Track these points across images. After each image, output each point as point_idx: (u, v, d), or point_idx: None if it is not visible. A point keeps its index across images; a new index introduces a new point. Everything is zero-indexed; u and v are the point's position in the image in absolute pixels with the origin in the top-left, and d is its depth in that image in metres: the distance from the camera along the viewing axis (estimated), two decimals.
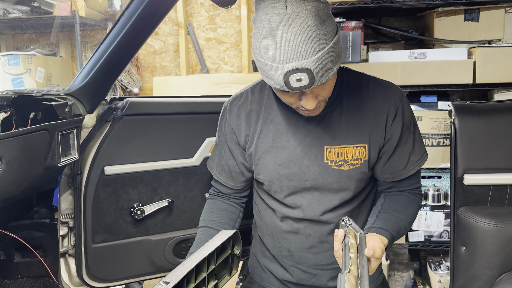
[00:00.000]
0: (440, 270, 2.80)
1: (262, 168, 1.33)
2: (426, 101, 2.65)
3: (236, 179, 1.41)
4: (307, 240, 1.34)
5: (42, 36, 3.57)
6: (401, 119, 1.27)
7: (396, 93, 1.28)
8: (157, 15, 1.40)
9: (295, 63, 1.02)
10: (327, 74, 1.05)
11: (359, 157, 1.27)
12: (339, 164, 1.27)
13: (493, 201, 1.64)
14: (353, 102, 1.26)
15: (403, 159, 1.30)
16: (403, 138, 1.28)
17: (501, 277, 1.56)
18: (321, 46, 1.02)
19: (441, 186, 2.76)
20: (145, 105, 1.59)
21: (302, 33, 1.01)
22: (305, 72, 1.02)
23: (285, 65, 1.03)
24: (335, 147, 1.26)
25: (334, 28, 1.07)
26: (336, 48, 1.06)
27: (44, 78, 3.22)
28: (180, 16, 3.26)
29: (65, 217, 1.55)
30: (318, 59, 1.02)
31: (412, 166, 1.31)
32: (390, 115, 1.26)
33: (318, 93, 1.13)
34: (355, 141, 1.26)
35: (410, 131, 1.30)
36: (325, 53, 1.03)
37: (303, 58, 1.02)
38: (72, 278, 1.59)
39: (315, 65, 1.02)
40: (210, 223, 1.40)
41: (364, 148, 1.26)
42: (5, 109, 1.28)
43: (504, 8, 2.58)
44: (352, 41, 2.56)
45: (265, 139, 1.31)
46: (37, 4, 3.09)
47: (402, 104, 1.27)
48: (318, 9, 1.03)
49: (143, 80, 3.43)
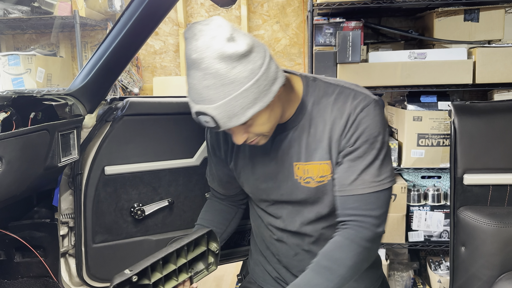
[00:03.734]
0: (440, 270, 2.80)
1: (243, 182, 1.36)
2: (426, 101, 2.65)
3: (226, 187, 1.46)
4: (292, 248, 1.35)
5: (42, 36, 3.57)
6: (361, 129, 1.16)
7: (362, 101, 1.17)
8: (157, 15, 1.40)
9: (199, 106, 1.05)
10: (237, 119, 1.05)
11: (324, 174, 1.21)
12: (306, 181, 1.23)
13: (493, 201, 1.64)
14: (317, 116, 1.21)
15: (352, 173, 1.17)
16: (358, 151, 1.16)
17: (501, 277, 1.56)
18: (226, 93, 1.02)
19: (441, 186, 2.76)
20: (145, 105, 1.59)
21: (205, 79, 1.02)
22: (209, 117, 1.05)
23: (194, 106, 1.07)
24: (302, 164, 1.23)
25: (250, 72, 1.03)
26: (249, 93, 1.03)
27: (44, 78, 3.22)
28: (180, 16, 3.26)
29: (65, 217, 1.55)
30: (220, 106, 1.03)
31: (362, 185, 1.16)
32: (347, 124, 1.17)
33: (246, 130, 1.13)
34: (318, 158, 1.21)
35: (373, 147, 1.16)
36: (230, 101, 1.02)
37: (206, 103, 1.04)
38: (72, 278, 1.59)
39: (217, 112, 1.04)
40: (204, 222, 1.46)
41: (328, 165, 1.20)
42: (5, 109, 1.28)
43: (504, 8, 2.58)
44: (352, 41, 2.56)
45: (242, 154, 1.32)
46: (37, 4, 3.09)
47: (366, 114, 1.16)
48: (223, 57, 1.00)
49: (143, 80, 3.43)
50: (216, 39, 1.01)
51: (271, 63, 1.09)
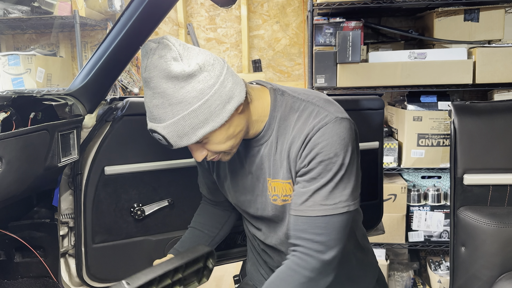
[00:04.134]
0: (440, 270, 2.81)
1: (226, 192, 1.37)
2: (426, 101, 2.65)
3: (215, 194, 1.48)
4: (276, 260, 1.34)
5: (42, 36, 3.57)
6: (317, 150, 1.08)
7: (324, 119, 1.10)
8: (157, 15, 1.40)
9: (151, 124, 1.07)
10: (187, 139, 1.05)
11: (287, 194, 1.17)
12: (273, 198, 1.21)
13: (493, 201, 1.64)
14: (282, 134, 1.17)
15: (304, 194, 1.11)
16: (312, 172, 1.10)
17: (501, 277, 1.56)
18: (174, 113, 1.02)
19: (441, 186, 2.76)
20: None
21: (154, 97, 1.02)
22: (161, 135, 1.05)
23: (148, 122, 1.08)
24: (272, 181, 1.20)
25: (199, 92, 1.02)
26: (198, 113, 1.02)
27: (44, 78, 3.22)
28: (180, 16, 3.26)
29: (65, 217, 1.55)
30: (169, 125, 1.03)
31: (312, 207, 1.09)
32: (303, 145, 1.11)
33: (203, 147, 1.12)
34: (281, 176, 1.17)
35: (328, 169, 1.08)
36: (178, 120, 1.02)
37: (156, 122, 1.05)
38: (72, 278, 1.59)
39: (166, 131, 1.04)
40: (197, 225, 1.49)
41: (290, 184, 1.16)
42: (5, 109, 1.28)
43: (504, 8, 2.59)
44: (352, 41, 2.56)
45: (222, 166, 1.33)
46: (37, 4, 3.09)
47: (323, 137, 1.08)
48: (170, 77, 1.00)
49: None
50: (163, 59, 1.00)
51: (226, 81, 1.06)
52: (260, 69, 3.28)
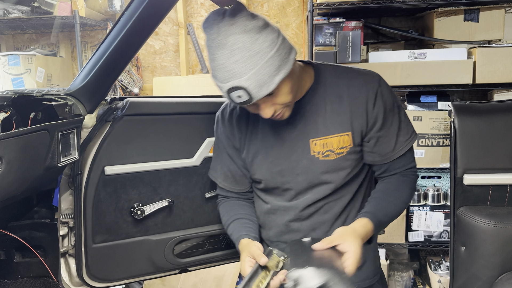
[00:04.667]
0: (440, 270, 2.81)
1: (257, 168, 1.39)
2: (426, 101, 2.65)
3: (241, 182, 1.46)
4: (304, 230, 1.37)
5: (42, 36, 3.57)
6: (382, 103, 1.30)
7: (373, 79, 1.32)
8: (157, 15, 1.40)
9: (231, 83, 1.14)
10: (267, 87, 1.14)
11: (344, 146, 1.31)
12: (326, 154, 1.31)
13: (493, 201, 1.64)
14: (332, 94, 1.32)
15: (391, 140, 1.33)
16: (388, 120, 1.32)
17: (501, 277, 1.56)
18: (254, 64, 1.12)
19: (441, 186, 2.76)
20: (145, 105, 1.59)
21: (233, 55, 1.12)
22: (242, 90, 1.13)
23: (225, 85, 1.15)
24: (319, 139, 1.31)
25: (271, 41, 1.14)
26: (274, 61, 1.14)
27: (44, 78, 3.22)
28: (180, 16, 3.26)
29: (65, 217, 1.55)
30: (251, 77, 1.12)
31: (401, 147, 1.34)
32: (369, 101, 1.29)
33: (273, 101, 1.21)
34: (338, 130, 1.30)
35: (394, 112, 1.33)
36: (258, 70, 1.12)
37: (237, 77, 1.13)
38: (72, 278, 1.59)
39: (249, 83, 1.12)
40: (238, 216, 1.43)
41: (348, 136, 1.30)
42: (5, 109, 1.28)
43: (504, 8, 2.58)
44: (352, 41, 2.57)
45: (255, 140, 1.38)
46: (37, 4, 3.09)
47: (381, 88, 1.31)
48: (247, 31, 1.12)
49: (143, 80, 3.43)
50: (237, 17, 1.13)
51: (283, 34, 1.20)
52: None
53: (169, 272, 1.70)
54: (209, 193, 1.68)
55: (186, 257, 1.68)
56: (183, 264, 1.69)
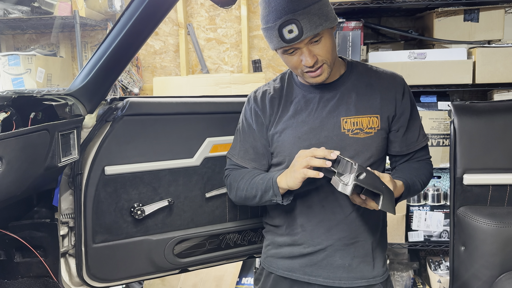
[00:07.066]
0: (440, 270, 2.81)
1: (282, 145, 1.43)
2: (426, 101, 2.65)
3: (258, 160, 1.49)
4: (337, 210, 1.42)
5: (42, 36, 3.57)
6: (409, 97, 1.46)
7: (400, 77, 1.47)
8: (157, 15, 1.40)
9: (285, 17, 1.25)
10: (315, 28, 1.26)
11: (373, 126, 1.41)
12: (355, 132, 1.40)
13: (493, 201, 1.64)
14: (363, 81, 1.44)
15: (416, 131, 1.48)
16: (413, 113, 1.47)
17: (501, 277, 1.56)
18: (307, 3, 1.26)
19: (441, 186, 2.76)
20: (145, 105, 1.59)
21: None
22: (294, 23, 1.25)
23: (278, 22, 1.27)
24: (350, 118, 1.40)
25: None
26: (323, 9, 1.28)
27: (45, 78, 3.22)
28: (180, 16, 3.26)
29: (66, 217, 1.55)
30: (304, 12, 1.25)
31: (422, 139, 1.50)
32: (398, 92, 1.43)
33: (315, 51, 1.31)
34: (368, 112, 1.41)
35: (416, 110, 1.49)
36: (311, 8, 1.25)
37: (291, 12, 1.25)
38: (73, 278, 1.59)
39: (301, 17, 1.25)
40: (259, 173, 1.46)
41: (377, 118, 1.41)
42: (6, 109, 1.28)
43: (503, 8, 2.59)
44: (351, 41, 2.57)
45: (285, 117, 1.44)
46: (37, 4, 3.09)
47: (407, 86, 1.47)
48: None
49: (143, 80, 3.44)
50: None
51: None
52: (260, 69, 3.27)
53: (169, 272, 1.70)
54: (209, 193, 1.68)
55: (186, 257, 1.69)
56: (183, 264, 1.69)
